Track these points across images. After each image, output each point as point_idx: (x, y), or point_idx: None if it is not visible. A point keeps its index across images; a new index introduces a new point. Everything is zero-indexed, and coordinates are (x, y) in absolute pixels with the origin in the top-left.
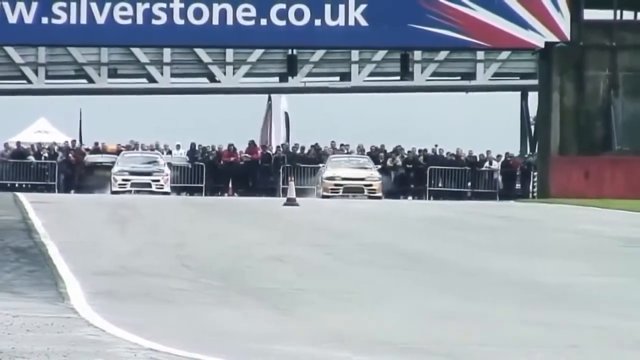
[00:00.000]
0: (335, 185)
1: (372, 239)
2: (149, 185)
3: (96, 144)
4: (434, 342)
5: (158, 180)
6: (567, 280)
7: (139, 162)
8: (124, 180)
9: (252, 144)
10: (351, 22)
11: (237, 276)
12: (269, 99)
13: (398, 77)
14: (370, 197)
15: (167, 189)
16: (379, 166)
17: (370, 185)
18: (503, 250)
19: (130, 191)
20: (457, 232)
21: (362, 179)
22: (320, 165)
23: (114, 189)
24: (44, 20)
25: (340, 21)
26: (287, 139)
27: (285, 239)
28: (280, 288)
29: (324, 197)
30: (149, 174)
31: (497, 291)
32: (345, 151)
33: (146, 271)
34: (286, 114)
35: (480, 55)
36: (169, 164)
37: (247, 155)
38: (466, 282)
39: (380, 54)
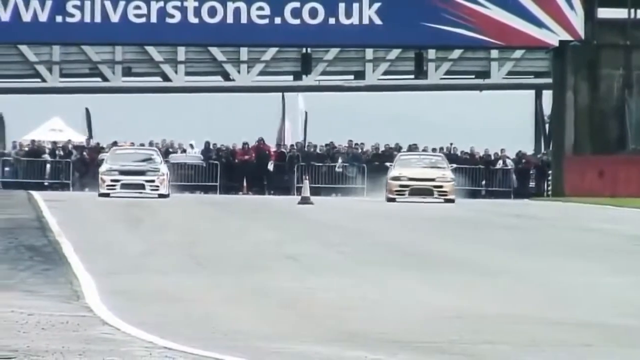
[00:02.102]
0: (401, 186)
1: (386, 237)
2: (142, 186)
3: (114, 142)
4: (448, 341)
5: (153, 181)
6: (582, 279)
7: (131, 160)
8: (113, 180)
9: (261, 141)
10: (365, 21)
11: (251, 275)
12: (284, 97)
13: (412, 76)
14: (439, 201)
15: (163, 190)
16: (454, 165)
17: (441, 187)
18: (518, 249)
19: (134, 194)
20: (472, 231)
21: (432, 180)
22: (333, 164)
23: (102, 190)
24: (58, 18)
25: (355, 20)
26: (305, 138)
27: (298, 238)
28: (294, 287)
29: (389, 199)
30: (142, 173)
31: (511, 290)
32: (360, 150)
33: (160, 270)
34: (306, 113)
35: (494, 53)
36: (184, 164)
37: (260, 147)
38: (480, 281)
39: (394, 53)
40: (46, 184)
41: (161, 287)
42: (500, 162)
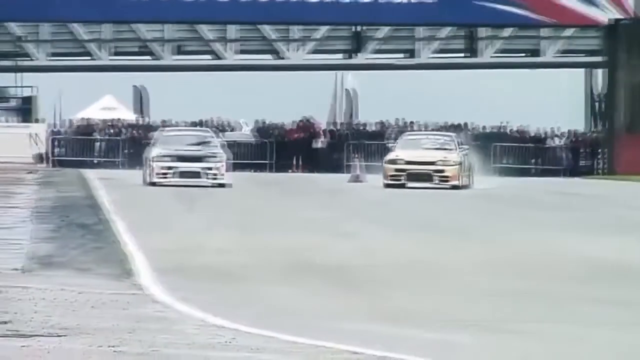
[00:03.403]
0: (397, 170)
1: (437, 217)
2: (198, 175)
3: (163, 121)
4: (499, 320)
5: (211, 168)
6: (631, 257)
7: (185, 143)
8: (165, 168)
9: (304, 119)
10: None
11: (302, 253)
12: (337, 76)
13: (463, 54)
14: (440, 187)
15: (223, 179)
16: (466, 147)
17: (442, 171)
18: (566, 227)
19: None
20: (517, 209)
21: (432, 163)
22: (384, 142)
23: (152, 179)
24: None
25: None
26: (351, 116)
27: (349, 216)
28: (346, 265)
29: (385, 185)
30: (199, 159)
31: (558, 268)
32: (410, 129)
33: (212, 248)
34: (347, 90)
35: (545, 32)
36: (236, 142)
37: (308, 125)
38: (527, 260)
39: (445, 31)
40: (96, 162)
41: (213, 265)
42: (551, 140)
